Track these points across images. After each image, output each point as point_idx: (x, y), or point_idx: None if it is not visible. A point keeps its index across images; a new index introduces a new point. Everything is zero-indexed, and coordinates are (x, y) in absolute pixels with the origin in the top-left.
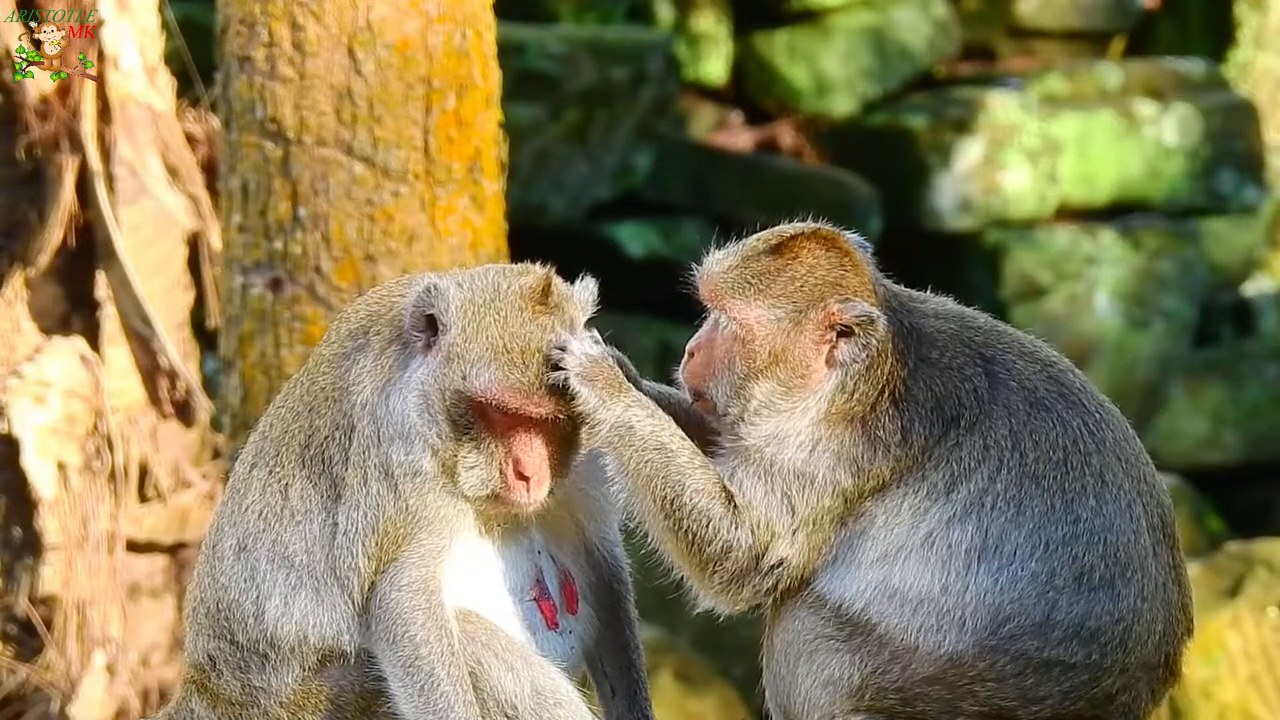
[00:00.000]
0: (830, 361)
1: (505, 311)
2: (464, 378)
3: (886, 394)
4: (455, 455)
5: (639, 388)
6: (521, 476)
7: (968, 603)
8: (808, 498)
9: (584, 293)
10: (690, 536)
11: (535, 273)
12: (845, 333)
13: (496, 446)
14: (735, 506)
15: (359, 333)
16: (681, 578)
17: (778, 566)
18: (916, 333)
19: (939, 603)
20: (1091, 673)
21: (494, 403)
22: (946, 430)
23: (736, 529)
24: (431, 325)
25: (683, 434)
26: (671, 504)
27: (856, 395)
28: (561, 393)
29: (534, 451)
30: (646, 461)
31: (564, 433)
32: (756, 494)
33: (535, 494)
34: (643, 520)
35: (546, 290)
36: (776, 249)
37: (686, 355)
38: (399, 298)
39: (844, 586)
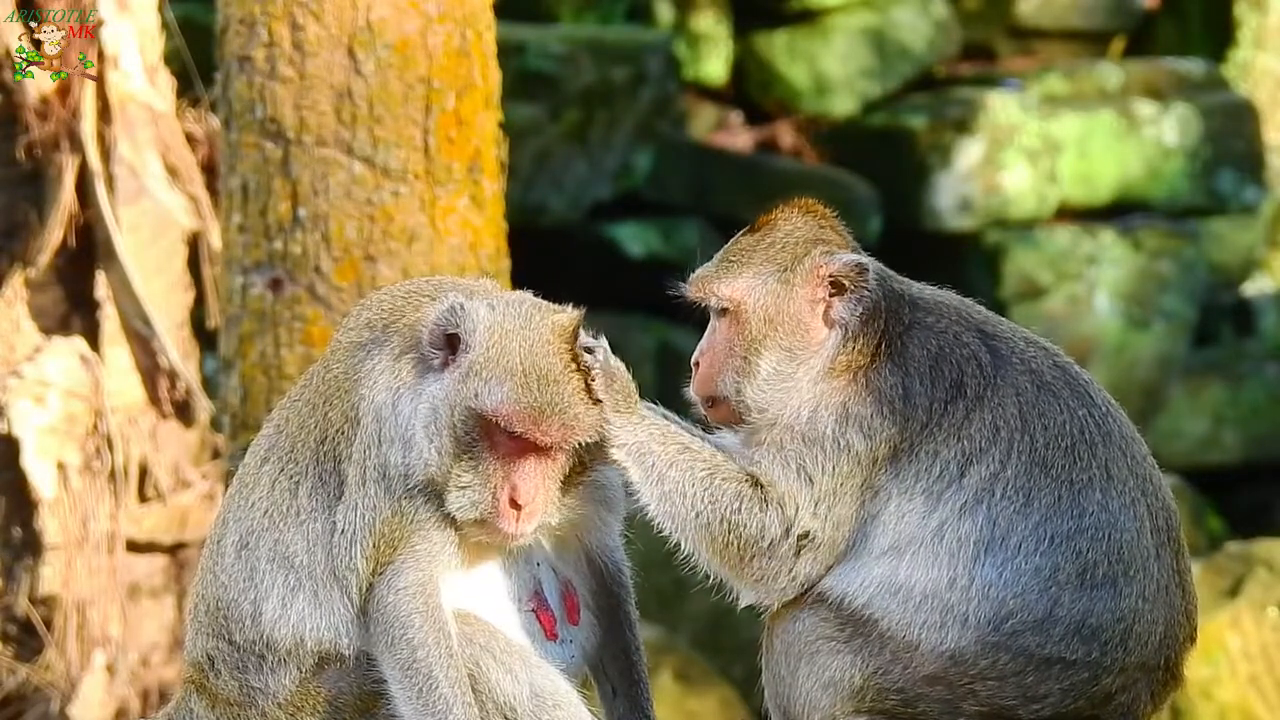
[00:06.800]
0: (828, 321)
1: (533, 340)
2: (477, 395)
3: (884, 346)
4: (449, 473)
5: None
6: (515, 504)
7: (972, 597)
8: (821, 464)
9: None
10: (726, 525)
11: (569, 313)
12: (838, 290)
13: (495, 470)
14: (761, 485)
15: (378, 324)
16: (718, 582)
17: (805, 541)
18: (910, 297)
19: (944, 598)
20: (1091, 671)
21: (502, 422)
22: (952, 397)
23: (766, 507)
24: (451, 344)
25: (697, 433)
26: (704, 498)
27: (856, 347)
28: (568, 425)
29: (532, 481)
30: (673, 463)
31: (563, 470)
32: (775, 470)
33: (524, 526)
34: (675, 526)
35: (578, 332)
36: (754, 227)
37: (693, 368)
38: (427, 299)
39: (848, 581)
